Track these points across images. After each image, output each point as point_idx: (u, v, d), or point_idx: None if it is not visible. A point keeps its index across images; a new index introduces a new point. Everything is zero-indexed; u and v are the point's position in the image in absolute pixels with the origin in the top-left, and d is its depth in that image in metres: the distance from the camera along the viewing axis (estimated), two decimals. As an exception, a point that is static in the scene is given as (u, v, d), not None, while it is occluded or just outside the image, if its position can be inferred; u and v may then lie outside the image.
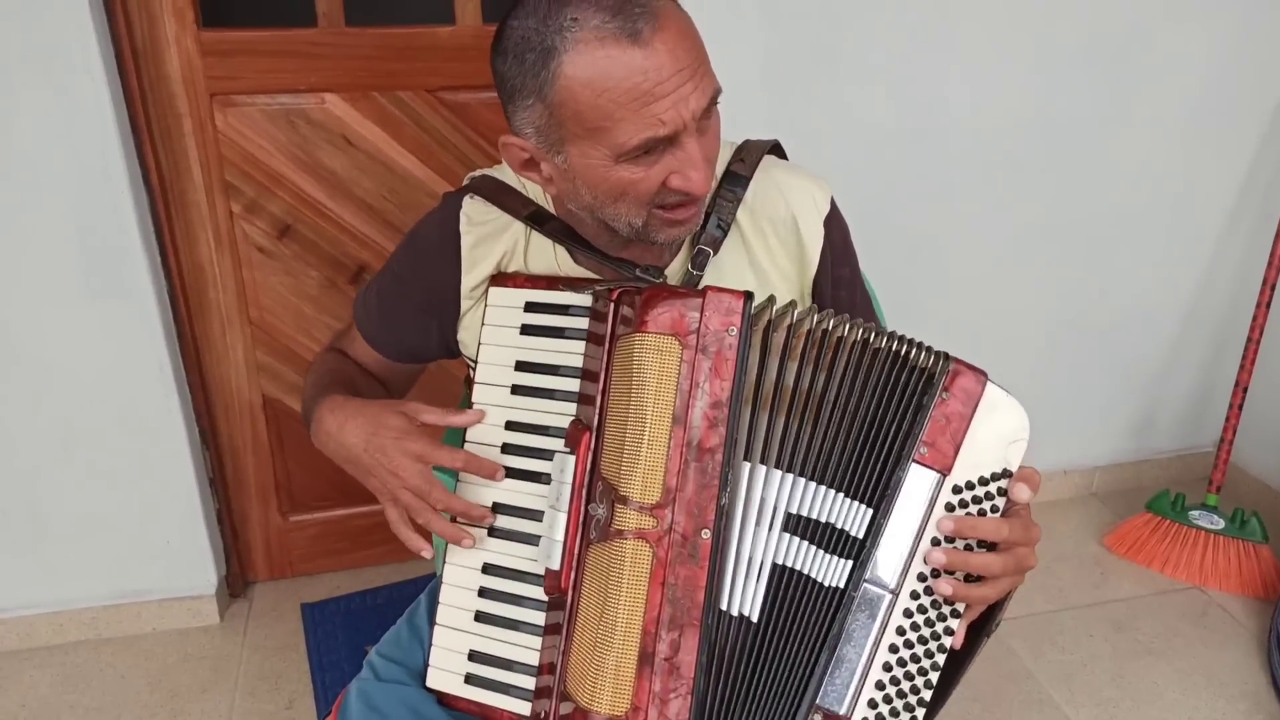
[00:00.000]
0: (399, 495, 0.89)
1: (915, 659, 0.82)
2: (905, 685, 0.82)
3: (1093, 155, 2.01)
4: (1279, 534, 2.12)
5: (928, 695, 0.82)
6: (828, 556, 0.82)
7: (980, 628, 0.85)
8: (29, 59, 1.48)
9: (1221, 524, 2.07)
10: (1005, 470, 0.82)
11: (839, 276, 1.04)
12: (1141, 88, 1.98)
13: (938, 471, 0.81)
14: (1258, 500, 2.25)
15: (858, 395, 0.83)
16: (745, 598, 0.82)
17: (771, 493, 0.82)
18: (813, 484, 0.82)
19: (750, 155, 1.00)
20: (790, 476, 0.82)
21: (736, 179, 0.98)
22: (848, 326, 0.84)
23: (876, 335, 0.84)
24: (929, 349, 0.84)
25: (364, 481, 0.92)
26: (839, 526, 0.82)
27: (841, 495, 0.82)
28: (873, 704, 0.82)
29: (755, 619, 0.82)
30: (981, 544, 0.82)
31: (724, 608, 0.82)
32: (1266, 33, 1.99)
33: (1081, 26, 1.88)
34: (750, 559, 0.82)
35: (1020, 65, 1.89)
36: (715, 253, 0.97)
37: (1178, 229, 2.15)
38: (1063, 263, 2.11)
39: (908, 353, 0.83)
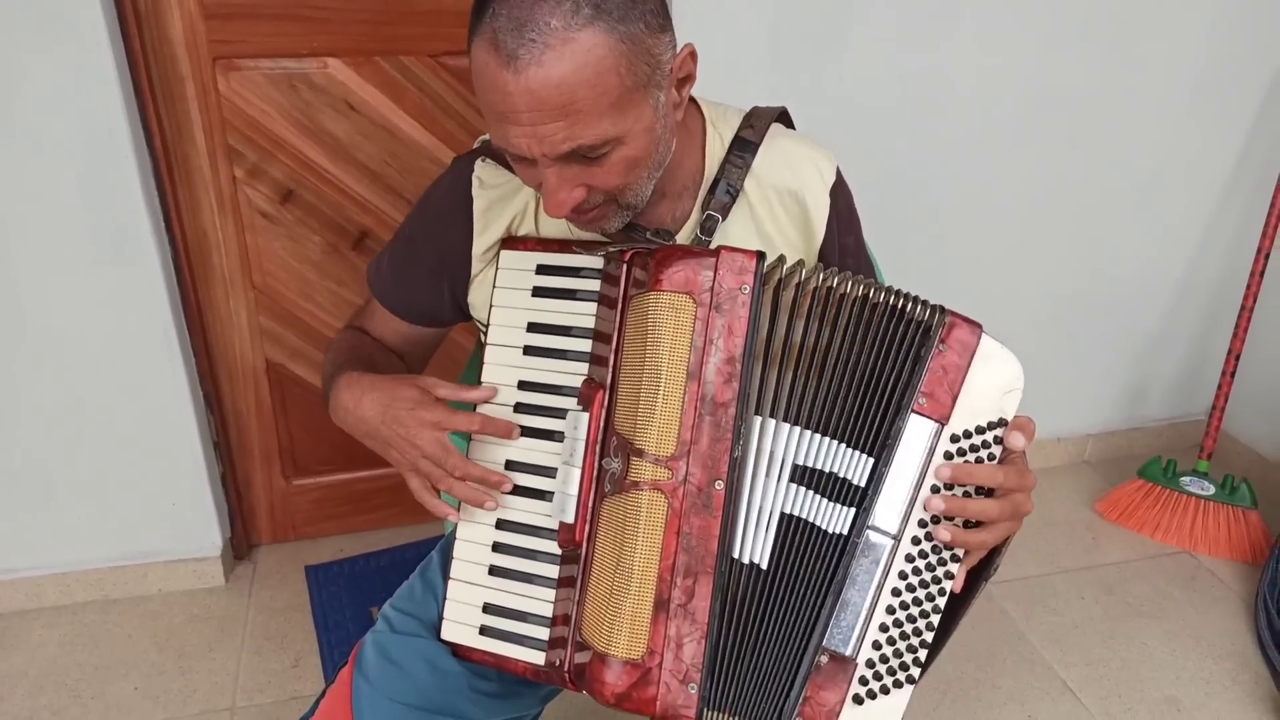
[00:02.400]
0: (418, 464, 0.90)
1: (917, 602, 0.84)
2: (908, 627, 0.85)
3: (1092, 129, 2.02)
4: (1268, 500, 2.16)
5: (929, 637, 0.85)
6: (832, 505, 0.84)
7: (979, 573, 0.88)
8: (33, 22, 1.47)
9: (1212, 490, 2.11)
10: (1001, 419, 0.85)
11: (845, 245, 1.06)
12: (1140, 63, 1.99)
13: (936, 421, 0.84)
14: (1248, 467, 2.29)
15: (858, 349, 0.85)
16: (756, 546, 0.84)
17: (780, 445, 0.84)
18: (817, 435, 0.85)
19: (759, 122, 1.01)
20: (797, 429, 0.84)
21: (746, 145, 0.99)
22: (850, 283, 0.86)
23: (876, 290, 0.86)
24: (925, 302, 0.86)
25: (383, 454, 0.93)
26: (842, 475, 0.85)
27: (844, 445, 0.84)
28: (876, 645, 0.84)
29: (765, 566, 0.84)
30: (980, 490, 0.84)
31: (735, 555, 0.84)
32: (1266, 9, 2.00)
33: (1085, 2, 1.88)
34: (760, 509, 0.84)
35: (1023, 40, 1.89)
36: (724, 218, 0.98)
37: (1174, 200, 2.17)
38: (1061, 235, 2.13)
39: (904, 306, 0.85)
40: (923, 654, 0.85)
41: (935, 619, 0.85)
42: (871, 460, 0.84)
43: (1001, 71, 1.91)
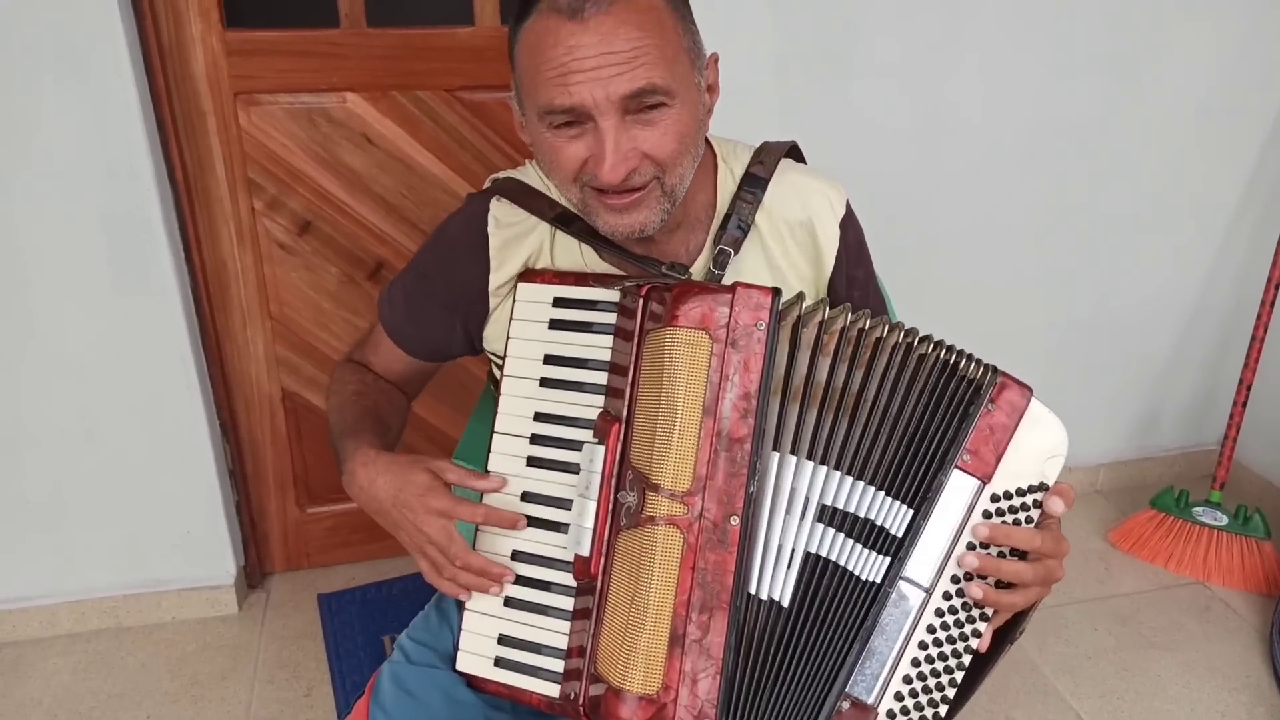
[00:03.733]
0: (425, 550, 0.92)
1: (943, 657, 0.85)
2: (931, 681, 0.85)
3: (1100, 156, 2.04)
4: (1281, 530, 2.16)
5: (951, 693, 0.85)
6: (865, 551, 0.85)
7: (1003, 635, 0.88)
8: (59, 56, 1.51)
9: (1225, 520, 2.10)
10: (1042, 484, 0.85)
11: (853, 277, 1.07)
12: (1149, 88, 2.00)
13: (978, 479, 0.84)
14: (1261, 497, 2.28)
15: (901, 398, 0.85)
16: (775, 583, 0.84)
17: (803, 484, 0.84)
18: (849, 478, 0.85)
19: (769, 158, 1.03)
20: (824, 469, 0.85)
21: (756, 181, 1.01)
22: (885, 328, 0.86)
23: (921, 341, 0.86)
24: (978, 360, 0.86)
25: (393, 533, 0.94)
26: (878, 524, 0.85)
27: (882, 494, 0.85)
28: (899, 697, 0.84)
29: (786, 604, 0.85)
30: (1014, 552, 0.85)
31: (753, 591, 0.84)
32: (1273, 34, 2.02)
33: (1092, 28, 1.91)
34: (780, 546, 0.84)
35: (1031, 66, 1.92)
36: (736, 253, 1.00)
37: (1183, 229, 2.18)
38: (1069, 262, 2.13)
39: (955, 361, 0.86)
40: (943, 709, 0.85)
41: (959, 675, 0.85)
42: (911, 512, 0.85)
43: (1008, 98, 1.93)
